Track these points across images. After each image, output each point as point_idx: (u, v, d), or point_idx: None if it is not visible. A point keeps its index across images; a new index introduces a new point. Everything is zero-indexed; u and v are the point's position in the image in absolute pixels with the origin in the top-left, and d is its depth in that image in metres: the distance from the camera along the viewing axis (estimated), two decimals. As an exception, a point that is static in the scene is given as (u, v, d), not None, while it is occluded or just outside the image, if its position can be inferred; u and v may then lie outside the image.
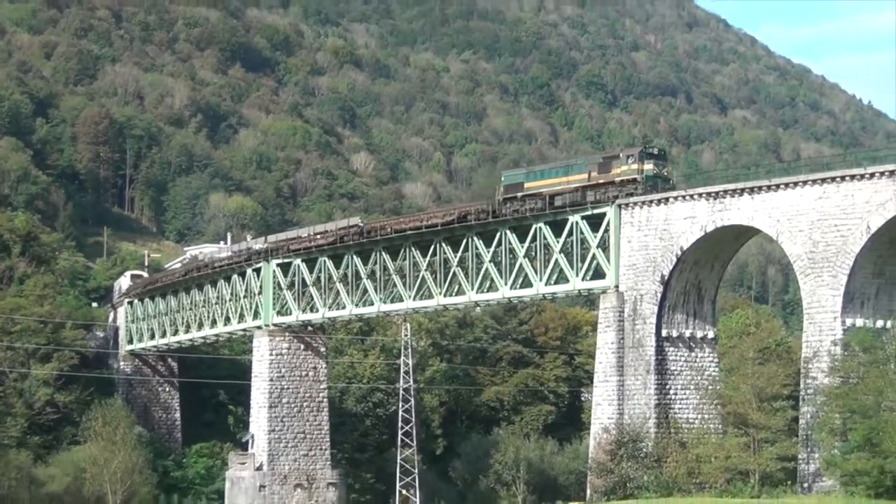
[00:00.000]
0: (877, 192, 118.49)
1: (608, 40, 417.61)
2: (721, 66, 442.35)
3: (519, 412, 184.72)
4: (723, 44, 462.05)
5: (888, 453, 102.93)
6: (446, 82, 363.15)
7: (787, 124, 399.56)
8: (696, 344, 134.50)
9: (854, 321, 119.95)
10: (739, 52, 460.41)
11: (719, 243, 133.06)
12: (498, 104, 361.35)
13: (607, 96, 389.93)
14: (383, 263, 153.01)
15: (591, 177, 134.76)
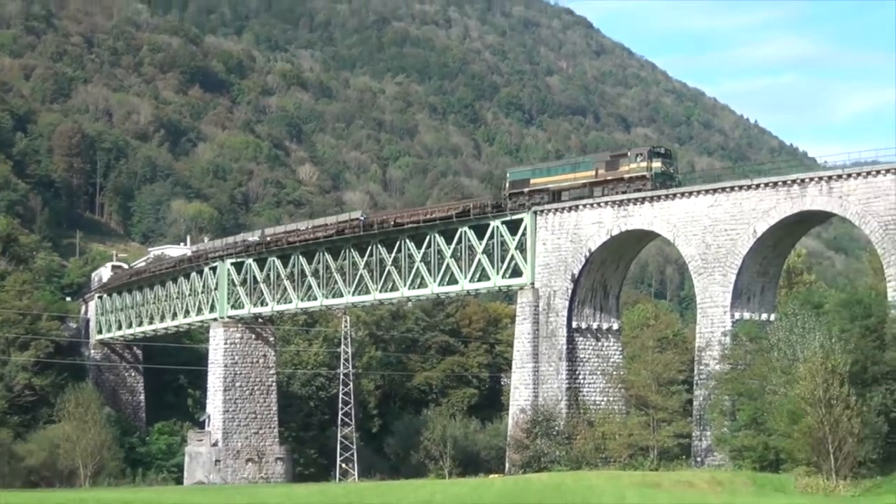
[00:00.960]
0: (762, 201, 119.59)
1: (525, 66, 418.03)
2: (625, 89, 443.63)
3: (446, 395, 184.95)
4: (626, 69, 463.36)
5: (771, 431, 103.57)
6: (382, 102, 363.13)
7: (683, 140, 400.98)
8: (603, 334, 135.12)
9: (741, 315, 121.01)
10: (641, 76, 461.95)
11: (623, 246, 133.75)
12: (428, 122, 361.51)
13: (524, 115, 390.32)
14: (326, 263, 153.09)
15: (598, 174, 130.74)
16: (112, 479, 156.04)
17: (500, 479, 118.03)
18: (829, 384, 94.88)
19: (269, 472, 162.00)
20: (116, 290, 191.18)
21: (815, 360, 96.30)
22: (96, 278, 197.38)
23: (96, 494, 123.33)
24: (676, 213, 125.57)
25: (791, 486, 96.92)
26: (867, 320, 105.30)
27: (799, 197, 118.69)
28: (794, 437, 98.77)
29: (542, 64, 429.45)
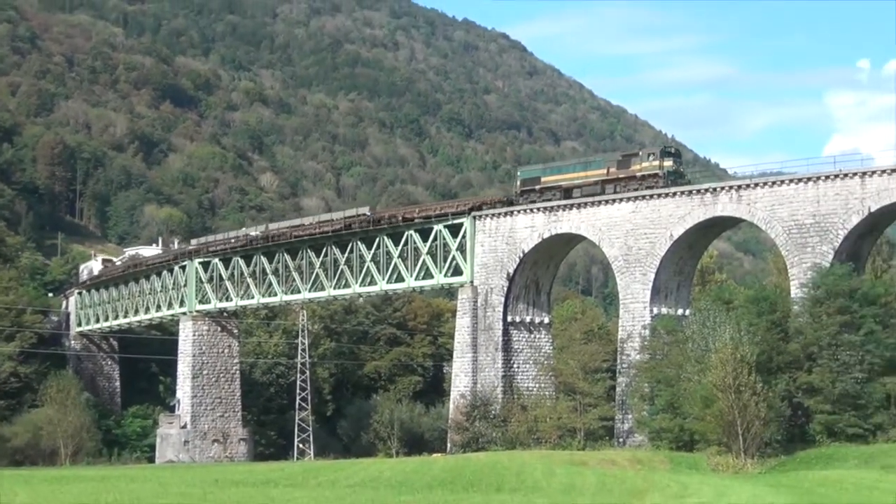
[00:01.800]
0: (678, 208, 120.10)
1: (465, 85, 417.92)
2: (555, 106, 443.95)
3: (393, 382, 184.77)
4: (556, 88, 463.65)
5: (686, 414, 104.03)
6: (336, 117, 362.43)
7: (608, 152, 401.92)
8: (535, 328, 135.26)
9: (660, 310, 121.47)
10: (570, 95, 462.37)
11: (553, 247, 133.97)
12: (377, 135, 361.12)
13: (465, 130, 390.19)
14: (285, 262, 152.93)
15: (609, 172, 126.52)
16: (90, 458, 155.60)
17: (442, 457, 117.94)
18: (738, 372, 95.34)
19: (233, 452, 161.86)
20: (94, 286, 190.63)
21: (725, 350, 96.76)
22: (85, 271, 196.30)
23: (76, 472, 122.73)
24: (601, 219, 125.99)
25: (704, 465, 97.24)
26: (772, 315, 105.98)
27: (711, 204, 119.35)
28: (706, 420, 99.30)
29: (481, 83, 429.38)
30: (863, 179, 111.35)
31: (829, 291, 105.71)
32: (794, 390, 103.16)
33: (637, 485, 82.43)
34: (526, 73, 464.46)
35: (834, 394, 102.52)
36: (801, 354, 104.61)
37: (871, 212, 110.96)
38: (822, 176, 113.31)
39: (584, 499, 74.18)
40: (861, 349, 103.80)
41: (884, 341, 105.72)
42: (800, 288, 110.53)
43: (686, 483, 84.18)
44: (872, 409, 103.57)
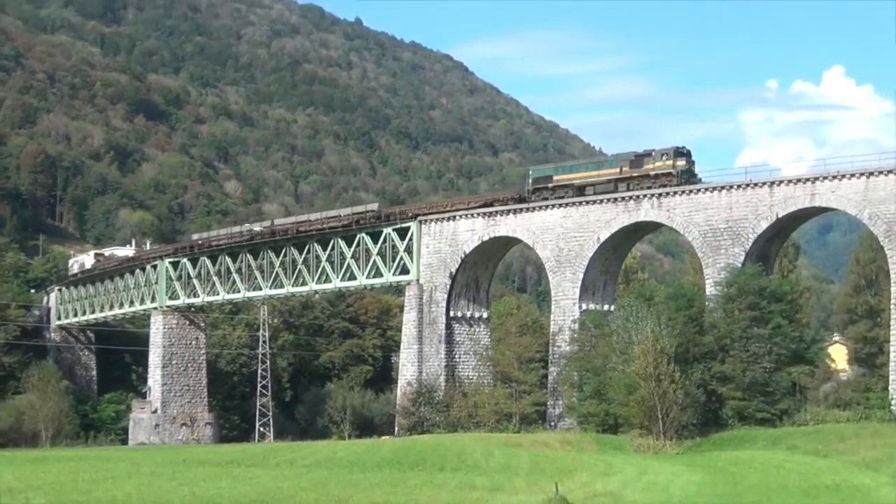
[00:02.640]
0: (605, 213, 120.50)
1: (412, 101, 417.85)
2: (494, 121, 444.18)
3: (346, 371, 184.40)
4: (495, 105, 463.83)
5: (611, 400, 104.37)
6: (294, 130, 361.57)
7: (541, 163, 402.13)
8: (475, 322, 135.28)
9: (587, 305, 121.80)
10: (507, 111, 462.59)
11: (492, 249, 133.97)
12: (332, 147, 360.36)
13: (411, 142, 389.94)
14: (247, 262, 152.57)
15: (622, 171, 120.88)
16: (68, 440, 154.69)
17: (390, 440, 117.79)
18: (658, 362, 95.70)
19: (199, 435, 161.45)
20: (73, 283, 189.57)
21: (646, 342, 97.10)
22: (76, 265, 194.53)
23: (55, 453, 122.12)
24: (535, 223, 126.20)
25: (627, 446, 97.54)
26: (689, 310, 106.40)
27: (634, 210, 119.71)
28: (629, 406, 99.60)
29: (426, 100, 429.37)
30: (771, 188, 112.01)
31: (741, 289, 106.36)
32: (709, 379, 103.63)
33: (567, 464, 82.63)
34: (468, 90, 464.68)
35: (744, 382, 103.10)
36: (715, 346, 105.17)
37: (778, 217, 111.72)
38: (734, 185, 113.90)
39: (519, 477, 74.26)
40: (769, 342, 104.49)
41: (789, 334, 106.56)
42: (714, 286, 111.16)
43: (611, 462, 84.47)
44: (779, 395, 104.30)
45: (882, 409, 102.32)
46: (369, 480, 71.17)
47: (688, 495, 61.65)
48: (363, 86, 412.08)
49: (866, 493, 61.09)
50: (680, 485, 68.28)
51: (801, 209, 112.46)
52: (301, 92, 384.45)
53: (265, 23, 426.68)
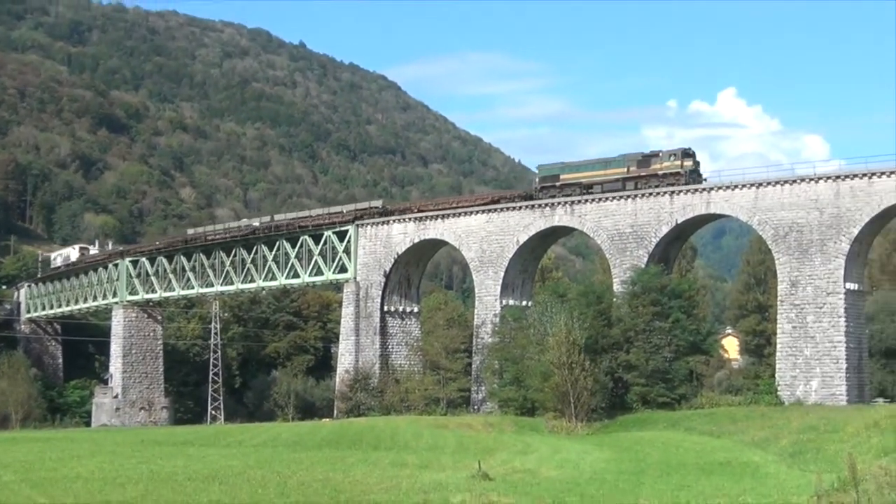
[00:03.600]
0: (523, 218, 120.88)
1: (351, 117, 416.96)
2: (424, 135, 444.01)
3: (290, 360, 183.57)
4: (425, 121, 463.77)
5: (528, 387, 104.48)
6: (244, 142, 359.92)
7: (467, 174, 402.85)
8: (406, 316, 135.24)
9: (507, 301, 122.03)
10: (436, 126, 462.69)
11: (422, 250, 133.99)
12: (278, 157, 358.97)
13: (350, 153, 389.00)
14: (201, 261, 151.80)
15: (629, 171, 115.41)
16: (37, 422, 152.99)
17: (329, 422, 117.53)
18: (571, 352, 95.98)
19: (156, 417, 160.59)
20: (42, 280, 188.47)
21: (560, 334, 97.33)
22: (61, 258, 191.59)
23: (25, 434, 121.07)
24: (461, 227, 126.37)
25: (542, 427, 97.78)
26: (598, 306, 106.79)
27: (550, 216, 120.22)
28: (545, 391, 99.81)
29: (363, 116, 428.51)
30: (671, 197, 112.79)
31: (644, 287, 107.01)
32: (616, 367, 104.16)
33: (489, 444, 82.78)
34: (400, 107, 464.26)
35: (647, 370, 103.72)
36: (621, 338, 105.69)
37: (677, 223, 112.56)
38: (638, 194, 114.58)
39: (446, 456, 74.29)
40: (669, 334, 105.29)
41: (687, 327, 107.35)
42: (620, 284, 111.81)
43: (528, 442, 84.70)
44: (678, 382, 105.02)
45: (769, 394, 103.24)
46: (310, 459, 71.00)
47: (596, 471, 61.92)
48: (306, 102, 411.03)
49: (755, 468, 61.63)
50: (589, 462, 68.58)
51: (698, 216, 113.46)
52: (250, 108, 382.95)
53: (217, 45, 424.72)
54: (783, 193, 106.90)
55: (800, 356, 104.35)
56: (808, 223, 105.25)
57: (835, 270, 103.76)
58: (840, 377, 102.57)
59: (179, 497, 48.26)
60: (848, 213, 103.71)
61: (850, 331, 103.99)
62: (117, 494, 49.47)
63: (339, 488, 51.71)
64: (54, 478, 57.95)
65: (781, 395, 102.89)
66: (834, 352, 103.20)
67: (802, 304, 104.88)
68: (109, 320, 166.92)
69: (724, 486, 49.83)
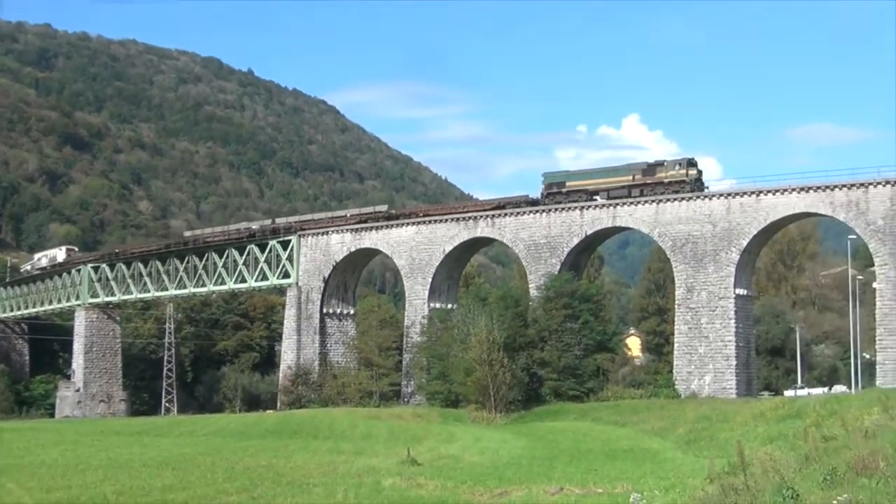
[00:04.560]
0: (449, 230, 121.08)
1: (294, 137, 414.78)
2: (360, 154, 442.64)
3: (238, 357, 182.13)
4: (361, 141, 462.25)
5: (453, 381, 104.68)
6: (197, 160, 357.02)
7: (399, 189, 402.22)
8: (343, 317, 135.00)
9: (435, 304, 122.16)
10: (371, 147, 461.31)
11: (358, 258, 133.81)
12: (227, 174, 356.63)
13: (293, 170, 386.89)
14: (156, 267, 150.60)
15: (635, 179, 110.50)
16: (4, 414, 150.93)
17: (273, 413, 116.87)
18: (491, 350, 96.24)
19: (115, 409, 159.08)
20: (10, 284, 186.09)
21: (481, 334, 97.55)
22: (44, 259, 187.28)
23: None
24: (393, 237, 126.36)
25: (465, 418, 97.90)
26: (516, 308, 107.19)
27: (473, 228, 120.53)
28: (467, 385, 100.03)
29: (305, 136, 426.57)
30: (581, 212, 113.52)
31: (557, 292, 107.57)
32: (531, 363, 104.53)
33: (417, 433, 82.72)
34: (339, 129, 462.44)
35: (559, 366, 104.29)
36: (536, 337, 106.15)
37: (587, 235, 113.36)
38: (552, 209, 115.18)
39: (379, 443, 74.16)
40: (579, 334, 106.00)
41: (595, 328, 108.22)
42: (536, 289, 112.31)
43: (453, 431, 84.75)
44: (587, 377, 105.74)
45: (667, 388, 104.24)
46: (256, 447, 70.60)
47: (513, 457, 62.06)
48: (253, 124, 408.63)
49: (655, 454, 62.07)
50: (507, 449, 68.75)
51: (605, 228, 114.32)
52: (202, 128, 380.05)
53: (173, 71, 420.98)
54: (680, 209, 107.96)
55: (695, 354, 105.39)
56: (702, 235, 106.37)
57: (726, 278, 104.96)
58: (730, 373, 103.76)
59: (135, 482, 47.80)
60: (738, 227, 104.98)
61: (739, 331, 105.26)
62: (78, 479, 48.96)
63: (281, 473, 51.47)
64: (21, 464, 57.22)
65: (678, 388, 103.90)
66: (725, 350, 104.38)
67: (697, 308, 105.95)
68: (73, 321, 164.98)
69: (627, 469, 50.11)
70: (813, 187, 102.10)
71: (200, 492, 44.28)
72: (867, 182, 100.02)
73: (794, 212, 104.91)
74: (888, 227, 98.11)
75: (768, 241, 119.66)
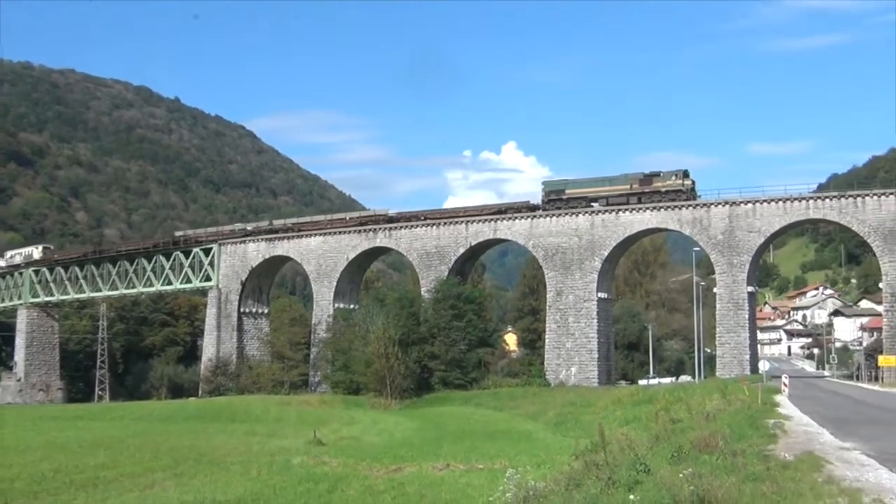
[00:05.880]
0: (352, 240, 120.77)
1: (216, 157, 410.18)
2: (274, 173, 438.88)
3: (164, 350, 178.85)
4: (276, 162, 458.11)
5: (354, 372, 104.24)
6: (129, 176, 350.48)
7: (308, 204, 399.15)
8: (258, 316, 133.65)
9: (339, 305, 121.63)
10: (284, 167, 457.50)
11: (272, 264, 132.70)
12: (156, 189, 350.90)
13: (215, 187, 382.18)
14: (91, 270, 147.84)
15: (632, 187, 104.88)
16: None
17: (195, 400, 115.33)
18: (387, 345, 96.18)
19: (53, 397, 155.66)
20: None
21: (379, 331, 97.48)
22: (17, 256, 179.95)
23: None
24: (304, 245, 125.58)
25: (365, 404, 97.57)
26: (410, 309, 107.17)
27: (373, 238, 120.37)
28: (367, 376, 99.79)
29: (226, 157, 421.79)
30: (467, 225, 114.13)
31: (445, 294, 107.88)
32: (422, 356, 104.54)
33: (323, 417, 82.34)
34: (256, 151, 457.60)
35: (447, 358, 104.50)
36: (427, 334, 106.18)
37: (471, 245, 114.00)
38: (442, 222, 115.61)
39: (289, 426, 73.70)
40: (464, 331, 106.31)
41: (478, 326, 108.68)
42: (427, 292, 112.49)
43: (354, 416, 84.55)
44: (470, 368, 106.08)
45: (539, 377, 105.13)
46: (179, 429, 69.65)
47: (406, 438, 62.09)
48: (180, 145, 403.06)
49: (529, 434, 62.59)
50: (401, 430, 68.76)
51: (487, 239, 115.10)
52: (134, 148, 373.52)
53: (108, 98, 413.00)
54: (552, 223, 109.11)
55: (563, 348, 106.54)
56: (570, 246, 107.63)
57: (590, 283, 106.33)
58: (593, 364, 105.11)
59: (71, 461, 46.86)
60: (600, 240, 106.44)
61: (600, 329, 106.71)
62: (19, 459, 47.88)
63: (202, 452, 50.86)
64: (-35, 447, 55.61)
65: (549, 378, 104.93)
66: (588, 345, 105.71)
67: (565, 309, 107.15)
68: (15, 318, 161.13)
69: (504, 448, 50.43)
70: (663, 206, 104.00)
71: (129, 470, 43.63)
72: (709, 202, 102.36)
73: (648, 227, 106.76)
74: (726, 241, 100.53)
75: (626, 251, 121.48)
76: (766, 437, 26.68)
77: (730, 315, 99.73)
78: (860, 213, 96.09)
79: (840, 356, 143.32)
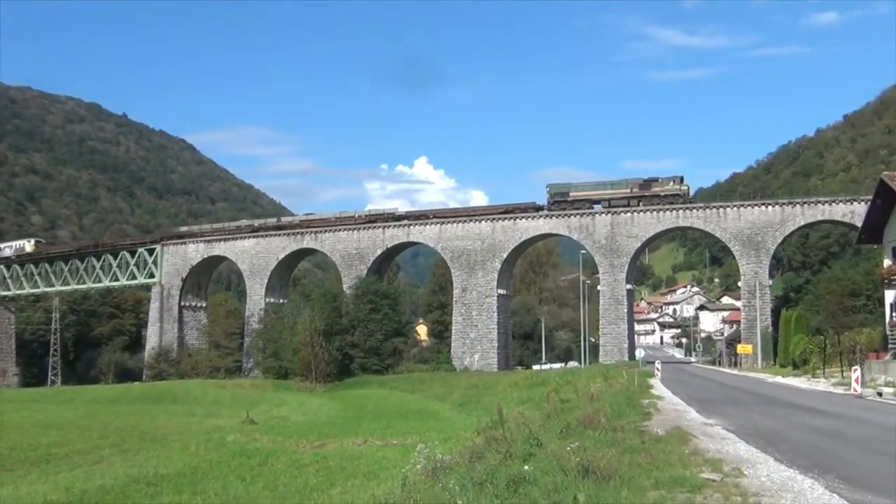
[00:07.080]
0: (282, 241, 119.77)
1: (160, 168, 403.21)
2: (213, 182, 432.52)
3: (112, 339, 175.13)
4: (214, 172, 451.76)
5: (283, 359, 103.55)
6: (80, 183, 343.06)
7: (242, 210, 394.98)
8: (197, 309, 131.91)
9: (270, 299, 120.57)
10: (221, 176, 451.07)
11: (210, 262, 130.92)
12: (105, 195, 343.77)
13: (158, 194, 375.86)
14: (45, 267, 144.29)
15: (633, 191, 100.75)
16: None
17: (139, 384, 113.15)
18: (313, 335, 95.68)
19: (9, 382, 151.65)
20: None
21: (305, 322, 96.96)
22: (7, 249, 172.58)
23: None
24: (238, 247, 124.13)
25: (293, 387, 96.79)
26: (333, 303, 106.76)
27: (300, 240, 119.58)
28: (294, 362, 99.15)
29: (169, 167, 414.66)
30: (384, 230, 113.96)
31: (364, 290, 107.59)
32: (344, 345, 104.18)
33: (255, 399, 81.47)
34: (196, 162, 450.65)
35: (365, 347, 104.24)
36: (348, 325, 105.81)
37: (387, 247, 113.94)
38: (363, 227, 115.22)
39: (225, 407, 72.83)
40: (381, 322, 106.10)
41: (393, 318, 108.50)
42: (348, 288, 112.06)
43: (283, 397, 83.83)
44: (386, 355, 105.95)
45: (447, 363, 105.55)
46: (125, 411, 68.34)
47: (330, 417, 61.78)
48: (127, 156, 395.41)
49: (437, 413, 62.74)
50: (325, 410, 68.41)
51: (402, 242, 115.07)
52: (86, 159, 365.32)
53: (62, 113, 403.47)
54: (458, 229, 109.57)
55: (467, 338, 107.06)
56: (474, 249, 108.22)
57: (491, 281, 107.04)
58: (493, 352, 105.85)
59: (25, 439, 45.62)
60: (500, 243, 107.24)
61: (500, 321, 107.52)
62: (-24, 439, 46.38)
63: (146, 431, 49.97)
64: (-74, 428, 53.75)
65: (455, 364, 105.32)
66: (489, 335, 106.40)
67: (469, 303, 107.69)
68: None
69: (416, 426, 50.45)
70: (554, 214, 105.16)
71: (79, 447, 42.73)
72: (594, 212, 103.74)
73: (542, 232, 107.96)
74: (608, 245, 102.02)
75: (522, 253, 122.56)
76: (641, 415, 27.13)
77: (611, 309, 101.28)
78: (722, 221, 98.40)
79: (705, 345, 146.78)
